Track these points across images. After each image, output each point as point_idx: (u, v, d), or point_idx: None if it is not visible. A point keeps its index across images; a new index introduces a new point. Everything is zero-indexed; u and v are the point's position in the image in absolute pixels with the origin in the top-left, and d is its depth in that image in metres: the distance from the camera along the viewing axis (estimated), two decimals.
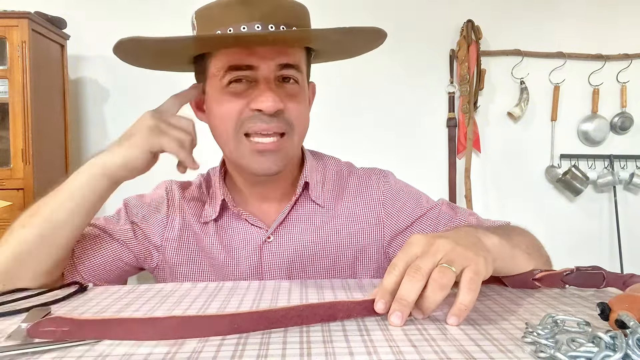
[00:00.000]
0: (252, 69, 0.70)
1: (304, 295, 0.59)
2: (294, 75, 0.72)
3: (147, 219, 0.82)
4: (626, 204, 2.69)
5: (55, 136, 2.27)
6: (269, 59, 0.69)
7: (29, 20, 2.03)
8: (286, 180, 0.81)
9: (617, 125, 2.62)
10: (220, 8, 0.70)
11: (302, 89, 0.75)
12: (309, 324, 0.47)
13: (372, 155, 2.52)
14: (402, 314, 0.46)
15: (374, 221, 0.82)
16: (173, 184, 0.86)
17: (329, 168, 0.86)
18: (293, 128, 0.73)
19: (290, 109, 0.72)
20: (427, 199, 0.86)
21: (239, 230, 0.80)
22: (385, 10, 2.55)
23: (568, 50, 2.58)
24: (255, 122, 0.70)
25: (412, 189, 0.87)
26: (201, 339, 0.43)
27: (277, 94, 0.69)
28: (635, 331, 0.37)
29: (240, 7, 0.68)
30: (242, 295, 0.60)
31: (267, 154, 0.72)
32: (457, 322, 0.47)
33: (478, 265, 0.48)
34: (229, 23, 0.68)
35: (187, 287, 0.66)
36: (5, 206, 2.02)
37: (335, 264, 0.81)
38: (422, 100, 2.60)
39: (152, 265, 0.82)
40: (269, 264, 0.79)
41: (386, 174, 0.87)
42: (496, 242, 0.57)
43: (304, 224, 0.81)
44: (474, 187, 2.58)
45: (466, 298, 0.46)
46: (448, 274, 0.47)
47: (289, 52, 0.71)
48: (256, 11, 0.67)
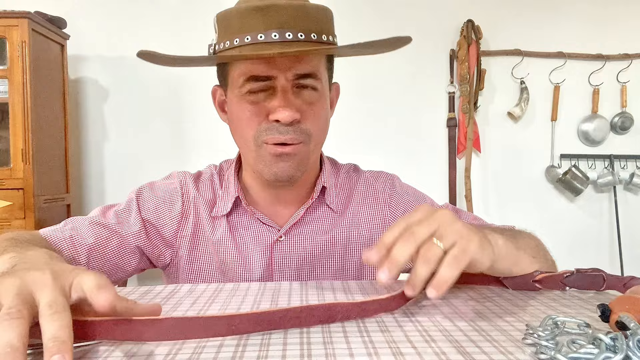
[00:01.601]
0: (270, 79, 0.71)
1: (304, 297, 0.59)
2: (311, 84, 0.73)
3: (161, 215, 0.81)
4: (626, 204, 2.69)
5: (55, 136, 2.27)
6: (286, 69, 0.70)
7: (29, 20, 2.03)
8: (303, 186, 0.82)
9: (617, 125, 2.62)
10: (239, 15, 0.69)
11: (321, 95, 0.75)
12: (308, 325, 0.47)
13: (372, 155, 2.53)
14: (390, 272, 0.48)
15: (380, 223, 0.84)
16: (187, 178, 0.85)
17: (341, 173, 0.88)
18: (310, 136, 0.74)
19: (308, 118, 0.73)
20: (432, 202, 0.88)
21: (250, 228, 0.81)
22: (385, 10, 2.55)
23: (568, 50, 2.58)
24: (273, 133, 0.71)
25: (417, 192, 0.89)
26: (201, 340, 0.43)
27: (294, 103, 0.71)
28: (635, 333, 0.37)
29: (257, 15, 0.68)
30: (242, 296, 0.60)
31: (285, 158, 0.72)
32: (435, 295, 0.47)
33: (470, 243, 0.49)
34: (246, 31, 0.68)
35: (187, 288, 0.66)
36: (5, 206, 2.02)
37: (344, 265, 0.82)
38: (422, 100, 2.60)
39: (164, 263, 0.82)
40: (279, 263, 0.80)
41: (392, 177, 0.89)
42: (501, 243, 0.57)
43: (316, 226, 0.82)
44: (474, 187, 2.58)
45: (444, 272, 0.47)
46: (433, 249, 0.48)
47: (306, 60, 0.71)
48: (273, 19, 0.67)
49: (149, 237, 0.80)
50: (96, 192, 2.54)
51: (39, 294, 0.39)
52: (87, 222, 0.78)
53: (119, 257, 0.78)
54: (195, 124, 2.50)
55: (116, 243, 0.78)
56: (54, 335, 0.35)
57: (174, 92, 2.49)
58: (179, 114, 2.51)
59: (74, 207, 2.42)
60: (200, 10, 2.44)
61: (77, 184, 2.51)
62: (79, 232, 0.77)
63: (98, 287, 0.40)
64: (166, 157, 2.51)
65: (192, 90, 2.46)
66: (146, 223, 0.80)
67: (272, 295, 0.60)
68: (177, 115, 2.51)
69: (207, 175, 0.86)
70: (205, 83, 1.56)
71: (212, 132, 2.27)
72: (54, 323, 0.36)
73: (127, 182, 2.46)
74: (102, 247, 0.77)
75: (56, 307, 0.37)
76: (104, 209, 0.81)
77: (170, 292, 0.63)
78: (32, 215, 2.03)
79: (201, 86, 2.35)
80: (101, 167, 2.53)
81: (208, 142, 2.45)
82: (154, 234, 0.81)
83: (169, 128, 2.52)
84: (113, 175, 2.53)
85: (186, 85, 2.46)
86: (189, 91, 2.47)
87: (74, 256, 0.74)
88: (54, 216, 2.17)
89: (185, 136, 2.52)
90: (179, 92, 2.49)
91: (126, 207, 0.82)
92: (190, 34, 2.34)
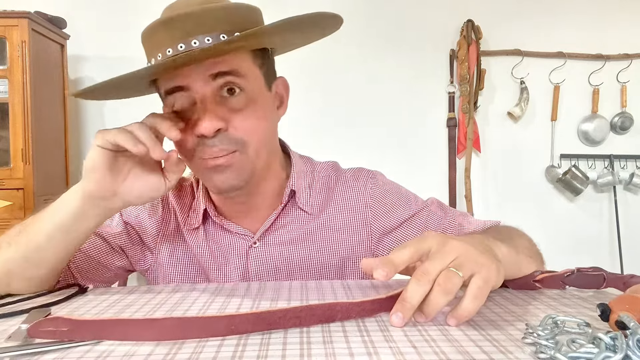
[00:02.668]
0: (184, 90, 0.66)
1: (305, 296, 0.59)
2: (235, 82, 0.67)
3: (142, 220, 0.81)
4: (626, 204, 2.69)
5: (55, 136, 2.27)
6: (196, 75, 0.65)
7: (29, 20, 2.03)
8: (266, 193, 0.78)
9: (617, 125, 2.62)
10: (150, 33, 0.67)
11: (250, 96, 0.68)
12: (307, 325, 0.47)
13: (372, 155, 2.53)
14: (404, 315, 0.46)
15: (361, 224, 0.80)
16: None
17: (318, 173, 0.83)
18: (244, 144, 0.68)
19: (236, 125, 0.67)
20: (416, 198, 0.84)
21: (224, 237, 0.79)
22: (385, 10, 2.55)
23: (568, 50, 2.58)
24: (202, 148, 0.67)
25: (400, 189, 0.85)
26: (201, 340, 0.43)
27: (216, 112, 0.65)
28: (635, 332, 0.37)
29: (162, 30, 0.65)
30: (242, 296, 0.60)
31: (219, 170, 0.68)
32: (455, 324, 0.47)
33: (490, 272, 0.47)
34: (158, 48, 0.65)
35: (187, 288, 0.66)
36: (5, 206, 2.02)
37: (323, 269, 0.79)
38: (422, 100, 2.60)
39: (144, 267, 0.82)
40: (255, 270, 0.78)
41: (374, 174, 0.84)
42: (505, 252, 0.56)
43: (290, 230, 0.79)
44: (474, 187, 2.58)
45: (469, 305, 0.46)
46: (454, 279, 0.46)
47: (222, 60, 0.65)
48: (177, 31, 0.64)
49: (131, 239, 0.81)
50: None
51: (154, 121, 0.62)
52: None
53: (101, 255, 0.79)
54: None
55: (99, 242, 0.79)
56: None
57: None
58: None
59: None
60: None
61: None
62: None
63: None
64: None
65: None
66: (128, 226, 0.81)
67: (272, 295, 0.60)
68: None
69: (188, 182, 0.85)
70: None
71: None
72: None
73: None
74: (85, 246, 0.78)
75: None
76: None
77: (171, 292, 0.63)
78: None
79: None
80: None
81: None
82: (135, 238, 0.81)
83: None
84: None
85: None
86: None
87: None
88: None
89: None
90: None
91: None
92: None
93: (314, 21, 0.64)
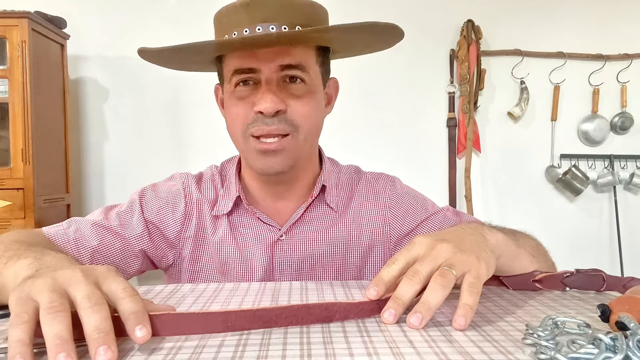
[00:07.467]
0: (254, 72, 0.71)
1: (305, 296, 0.59)
2: (298, 75, 0.72)
3: (164, 216, 0.81)
4: (626, 204, 2.69)
5: (55, 136, 2.26)
6: (269, 61, 0.70)
7: (29, 20, 2.03)
8: (301, 182, 0.82)
9: (617, 125, 2.62)
10: (228, 12, 0.72)
11: (309, 88, 0.74)
12: (304, 324, 0.47)
13: (372, 155, 2.53)
14: (396, 312, 0.47)
15: (381, 224, 0.84)
16: (189, 179, 0.86)
17: (343, 173, 0.88)
18: (297, 128, 0.73)
19: (294, 109, 0.72)
20: (433, 204, 0.88)
21: (251, 227, 0.81)
22: (385, 10, 2.55)
23: (568, 50, 2.58)
24: (258, 125, 0.71)
25: (418, 194, 0.89)
26: (201, 339, 0.43)
27: (278, 95, 0.70)
28: (635, 333, 0.37)
29: (242, 10, 0.70)
30: (242, 296, 0.60)
31: (270, 154, 0.73)
32: (464, 323, 0.45)
33: (479, 269, 0.50)
34: (234, 27, 0.71)
35: (188, 287, 0.66)
36: (5, 206, 2.02)
37: (344, 265, 0.82)
38: (422, 100, 2.60)
39: (167, 264, 0.83)
40: (280, 262, 0.80)
41: (393, 179, 0.89)
42: (501, 239, 0.58)
43: (315, 225, 0.82)
44: (474, 187, 2.58)
45: (469, 299, 0.47)
46: (448, 275, 0.47)
47: (291, 53, 0.71)
48: (257, 13, 0.69)
49: (152, 239, 0.80)
50: (96, 192, 2.54)
51: (73, 289, 0.40)
52: (89, 224, 0.78)
53: (121, 260, 0.78)
54: (195, 124, 2.50)
55: (119, 246, 0.78)
56: (97, 327, 0.37)
57: (173, 92, 2.49)
58: (178, 114, 2.51)
59: (74, 207, 2.42)
60: (200, 10, 2.43)
61: (77, 184, 2.51)
62: (83, 234, 0.77)
63: (134, 314, 0.39)
64: (166, 157, 2.51)
65: (192, 91, 2.46)
66: (149, 224, 0.80)
67: (272, 295, 0.60)
68: (177, 115, 2.51)
69: (208, 175, 0.87)
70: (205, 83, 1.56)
71: (212, 132, 2.27)
72: (94, 315, 0.37)
73: (127, 182, 2.46)
74: (106, 250, 0.77)
75: (94, 299, 0.39)
76: (105, 210, 0.81)
77: (171, 292, 0.63)
78: (32, 215, 2.02)
79: (201, 86, 2.35)
80: (101, 167, 2.53)
81: (208, 142, 2.44)
82: (157, 236, 0.81)
83: (168, 128, 2.52)
84: (113, 175, 2.53)
85: (186, 85, 2.45)
86: (189, 91, 2.47)
87: (77, 258, 0.74)
88: (53, 216, 2.17)
89: (185, 136, 2.52)
90: (179, 92, 2.48)
91: (128, 208, 0.81)
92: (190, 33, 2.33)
93: (384, 31, 0.70)
